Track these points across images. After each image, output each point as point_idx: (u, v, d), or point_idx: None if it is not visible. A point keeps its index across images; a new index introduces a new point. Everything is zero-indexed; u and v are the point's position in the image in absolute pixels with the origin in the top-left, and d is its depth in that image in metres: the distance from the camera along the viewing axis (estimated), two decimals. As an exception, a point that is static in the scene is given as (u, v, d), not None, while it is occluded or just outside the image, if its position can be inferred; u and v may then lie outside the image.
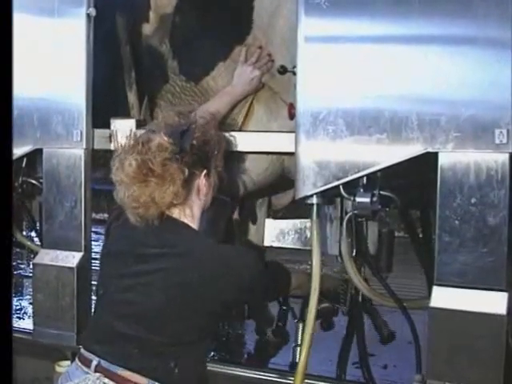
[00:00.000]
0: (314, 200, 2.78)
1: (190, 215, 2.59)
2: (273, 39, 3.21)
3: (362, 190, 2.72)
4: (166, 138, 2.51)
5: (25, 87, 3.36)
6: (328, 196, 2.81)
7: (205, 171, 2.60)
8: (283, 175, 3.40)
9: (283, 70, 3.01)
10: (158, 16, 3.55)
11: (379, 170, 2.67)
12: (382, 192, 2.74)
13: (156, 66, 3.56)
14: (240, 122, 3.33)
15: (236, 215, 3.60)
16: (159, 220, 2.52)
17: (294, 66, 2.81)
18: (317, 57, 2.74)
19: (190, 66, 3.46)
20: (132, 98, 3.56)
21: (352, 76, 2.68)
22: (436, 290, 2.56)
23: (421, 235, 3.22)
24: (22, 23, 3.33)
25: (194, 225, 2.60)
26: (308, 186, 2.74)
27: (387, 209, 2.85)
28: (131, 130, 2.77)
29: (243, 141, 3.09)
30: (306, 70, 2.76)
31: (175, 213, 2.57)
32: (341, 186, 2.73)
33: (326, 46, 2.74)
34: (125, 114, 3.50)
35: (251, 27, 3.27)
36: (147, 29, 3.59)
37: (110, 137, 3.29)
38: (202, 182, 2.60)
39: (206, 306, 2.48)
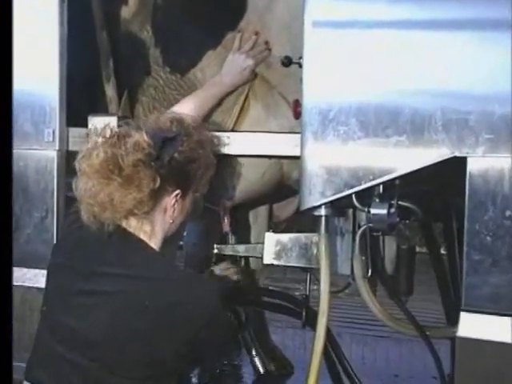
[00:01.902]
0: (323, 211, 2.76)
1: (148, 233, 2.58)
2: (270, 24, 3.20)
3: (377, 200, 2.70)
4: (145, 138, 2.50)
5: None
6: (338, 207, 2.79)
7: (178, 191, 2.59)
8: (282, 182, 3.40)
9: (288, 62, 2.97)
10: (138, -2, 3.54)
11: (398, 178, 2.64)
12: (400, 202, 2.71)
13: (136, 55, 3.55)
14: (234, 120, 3.32)
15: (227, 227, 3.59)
16: (114, 230, 2.52)
17: (300, 57, 2.78)
18: (326, 45, 2.72)
19: (175, 56, 3.45)
20: (110, 91, 3.54)
21: (367, 68, 2.66)
22: (464, 316, 2.54)
23: (445, 253, 3.21)
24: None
25: (154, 245, 2.59)
26: (315, 196, 2.72)
27: (407, 222, 2.83)
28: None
29: (237, 142, 3.08)
30: (313, 61, 2.73)
31: (132, 226, 2.56)
32: (353, 196, 2.70)
33: (338, 32, 2.72)
34: (105, 110, 3.49)
35: (245, 10, 3.26)
36: (126, 12, 3.58)
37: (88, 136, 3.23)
38: (170, 201, 2.58)
39: (162, 338, 2.46)
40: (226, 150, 3.08)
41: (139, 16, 3.53)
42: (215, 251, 3.41)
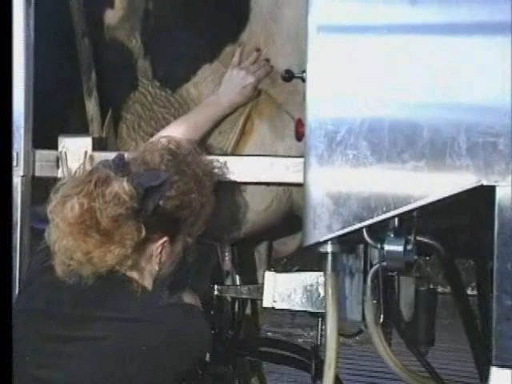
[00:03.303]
0: (329, 248, 2.73)
1: (136, 278, 2.56)
2: (275, 35, 3.20)
3: (392, 236, 2.66)
4: (127, 188, 2.44)
5: None
6: (347, 243, 2.77)
7: (165, 238, 2.56)
8: (292, 212, 3.36)
9: (289, 76, 2.96)
10: (126, 0, 3.48)
11: (416, 209, 2.59)
12: (418, 238, 2.67)
13: (122, 66, 3.50)
14: (233, 141, 3.29)
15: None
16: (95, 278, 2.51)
17: (304, 71, 2.75)
18: (334, 54, 2.68)
19: (166, 68, 3.41)
20: (92, 107, 3.48)
21: (380, 81, 2.63)
22: (495, 372, 2.48)
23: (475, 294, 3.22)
24: None
25: (144, 281, 2.58)
26: (321, 230, 2.67)
27: (427, 259, 2.84)
28: (86, 153, 2.76)
29: (239, 168, 3.04)
30: (318, 74, 2.70)
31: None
32: (364, 230, 2.67)
33: (347, 38, 2.69)
34: (78, 130, 3.41)
35: (248, 19, 3.24)
36: (111, 17, 3.52)
37: (58, 161, 3.21)
38: (156, 249, 2.56)
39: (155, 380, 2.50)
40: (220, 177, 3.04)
41: (127, 22, 3.48)
42: (216, 293, 3.39)
